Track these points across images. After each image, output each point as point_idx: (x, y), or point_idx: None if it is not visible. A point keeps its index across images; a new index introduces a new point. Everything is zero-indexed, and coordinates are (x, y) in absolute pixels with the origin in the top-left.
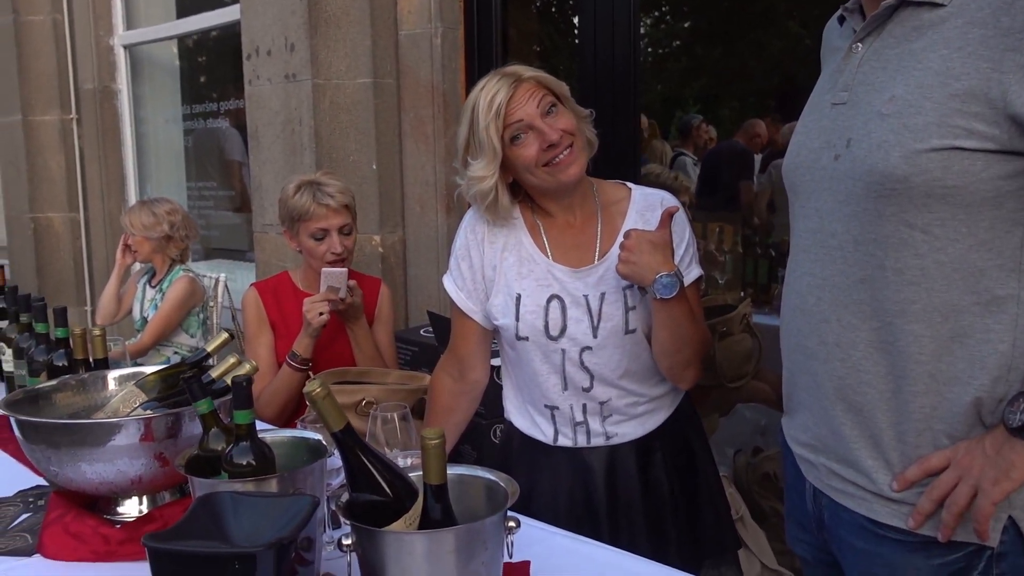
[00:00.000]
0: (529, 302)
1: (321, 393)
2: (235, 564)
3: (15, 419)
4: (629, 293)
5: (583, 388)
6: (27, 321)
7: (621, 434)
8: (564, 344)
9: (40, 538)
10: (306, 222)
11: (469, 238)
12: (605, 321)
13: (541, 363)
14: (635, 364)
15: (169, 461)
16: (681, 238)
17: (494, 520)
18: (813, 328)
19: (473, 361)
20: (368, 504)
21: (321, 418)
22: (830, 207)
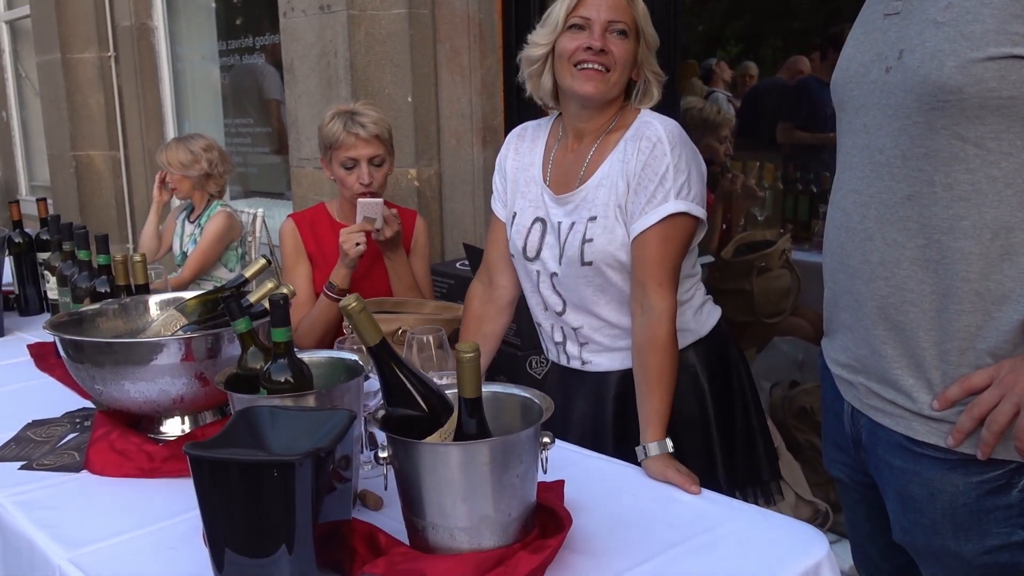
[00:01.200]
0: (519, 221)
1: (357, 307)
2: (274, 472)
3: (60, 339)
4: (590, 225)
5: (556, 312)
6: (70, 249)
7: (595, 363)
8: (538, 266)
9: (87, 455)
10: (337, 150)
11: (504, 151)
12: (567, 250)
13: (525, 280)
14: (600, 296)
15: (209, 381)
16: (654, 172)
17: (528, 433)
18: (857, 246)
19: (500, 265)
20: (404, 419)
21: (357, 332)
22: (879, 122)
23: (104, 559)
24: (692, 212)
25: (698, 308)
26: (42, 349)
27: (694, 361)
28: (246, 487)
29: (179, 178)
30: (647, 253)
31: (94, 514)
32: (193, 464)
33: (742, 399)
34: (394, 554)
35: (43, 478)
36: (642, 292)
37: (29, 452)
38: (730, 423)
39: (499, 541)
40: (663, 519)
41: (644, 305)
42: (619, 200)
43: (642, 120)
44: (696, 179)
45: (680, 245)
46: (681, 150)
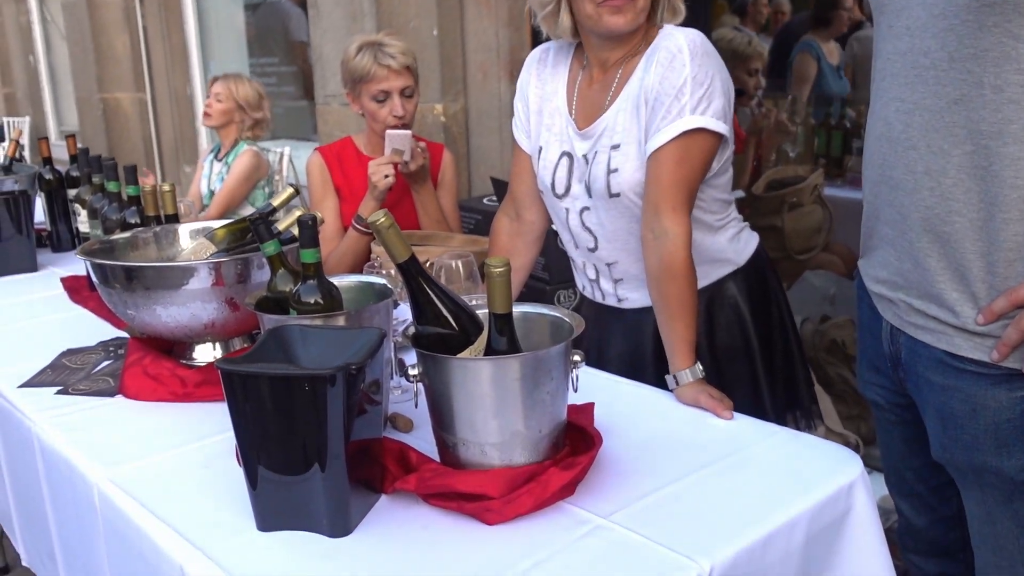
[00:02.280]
0: (545, 156)
1: (386, 223)
2: (305, 386)
3: (92, 264)
4: (614, 154)
5: (589, 248)
6: (99, 182)
7: (632, 300)
8: (568, 203)
9: (121, 380)
10: (367, 83)
11: (525, 76)
12: (593, 183)
13: (555, 218)
14: (635, 229)
15: (239, 306)
16: (672, 85)
17: (559, 349)
18: (899, 156)
19: (528, 200)
20: (434, 337)
21: (386, 248)
22: (923, 22)
23: (140, 478)
24: (711, 128)
25: (735, 236)
26: (75, 282)
27: (734, 292)
28: (277, 401)
29: (222, 110)
30: (661, 173)
31: (129, 436)
32: (224, 378)
33: (781, 326)
34: (424, 470)
35: (79, 402)
36: (655, 216)
37: (65, 378)
38: (771, 351)
39: (530, 457)
40: (694, 441)
41: (657, 230)
42: (641, 122)
43: (663, 33)
44: (719, 92)
45: (698, 165)
46: (703, 60)
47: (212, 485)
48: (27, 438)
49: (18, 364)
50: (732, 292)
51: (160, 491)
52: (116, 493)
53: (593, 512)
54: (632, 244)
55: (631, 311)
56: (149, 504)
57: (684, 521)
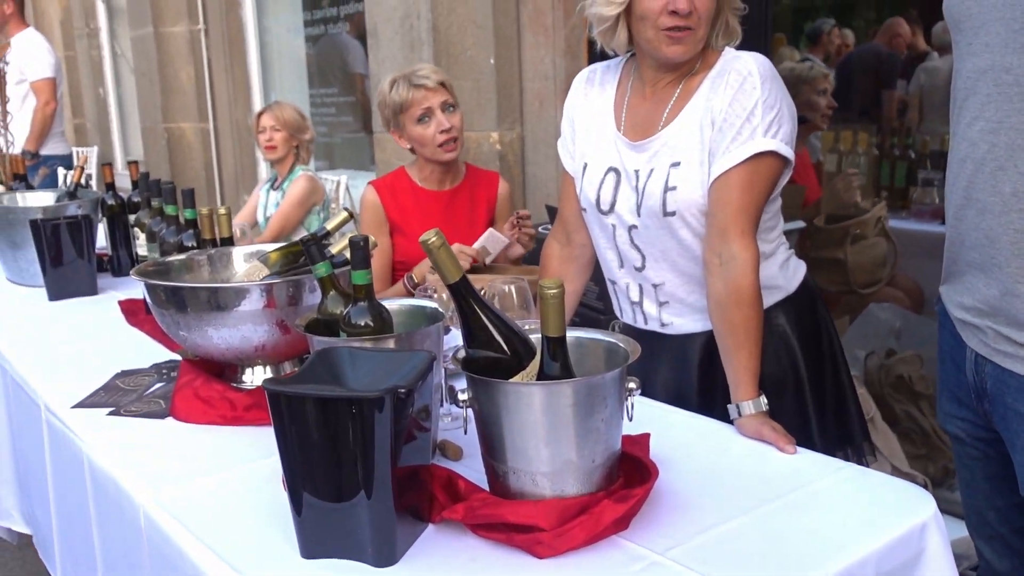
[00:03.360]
0: (591, 173)
1: (437, 242)
2: (352, 408)
3: (146, 284)
4: (673, 171)
5: (635, 267)
6: (158, 206)
7: (677, 325)
8: (613, 220)
9: (172, 402)
10: (408, 110)
11: (572, 97)
12: (647, 199)
13: (599, 235)
14: (685, 250)
15: (290, 329)
16: (742, 107)
17: (614, 375)
18: (986, 178)
19: (578, 223)
20: (485, 361)
21: (437, 269)
22: (1003, 39)
23: (186, 500)
24: (781, 152)
25: (784, 262)
26: (132, 305)
27: (782, 321)
28: (323, 424)
29: (283, 138)
30: (729, 196)
31: (177, 458)
32: (271, 399)
33: (831, 356)
34: (473, 499)
35: (130, 424)
36: (722, 241)
37: (117, 399)
38: (820, 383)
39: (582, 488)
40: (755, 475)
41: (724, 255)
42: (705, 142)
43: (729, 56)
44: (787, 116)
45: (765, 189)
46: (772, 84)
47: (258, 510)
48: (77, 458)
49: (73, 384)
50: (781, 321)
51: (206, 515)
52: (162, 516)
53: (648, 548)
54: (681, 265)
55: (675, 337)
56: (194, 528)
57: (745, 560)
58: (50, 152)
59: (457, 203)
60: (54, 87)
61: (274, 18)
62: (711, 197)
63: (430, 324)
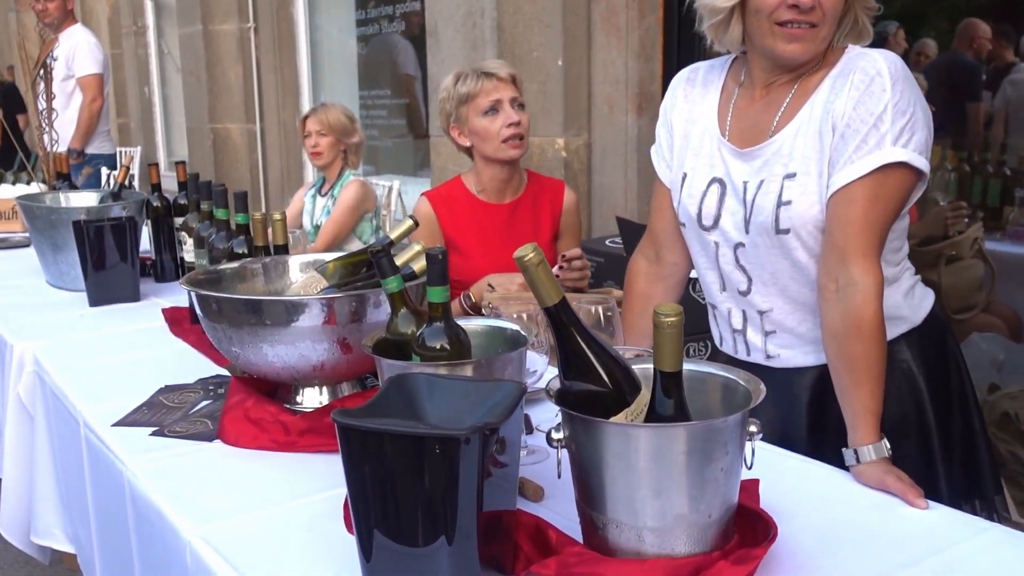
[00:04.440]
0: (691, 184)
1: (535, 260)
2: (436, 447)
3: (197, 295)
4: (787, 184)
5: (740, 291)
6: (208, 210)
7: (785, 358)
8: (716, 236)
9: (221, 423)
10: (474, 100)
11: (670, 99)
12: (756, 215)
13: (699, 255)
14: (799, 273)
15: (352, 348)
16: (869, 112)
17: (737, 419)
18: None
19: (670, 239)
20: (583, 395)
21: (533, 289)
22: None
23: (237, 537)
24: (913, 163)
25: (909, 289)
26: (176, 314)
27: (907, 356)
28: (402, 464)
29: (329, 143)
30: (851, 213)
31: (226, 487)
32: (341, 434)
33: (961, 397)
34: (568, 554)
35: (174, 446)
36: (840, 263)
37: (161, 418)
38: (948, 426)
39: (694, 547)
40: (883, 534)
41: (843, 280)
42: (824, 151)
43: (854, 53)
44: (921, 123)
45: (893, 206)
46: (905, 86)
47: (316, 551)
48: (118, 482)
49: (113, 400)
50: (905, 356)
51: (258, 554)
52: (210, 554)
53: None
54: (792, 290)
55: (781, 371)
56: (246, 570)
57: None
58: (95, 151)
59: (519, 217)
60: (101, 83)
61: (326, 16)
62: (830, 213)
63: (511, 349)
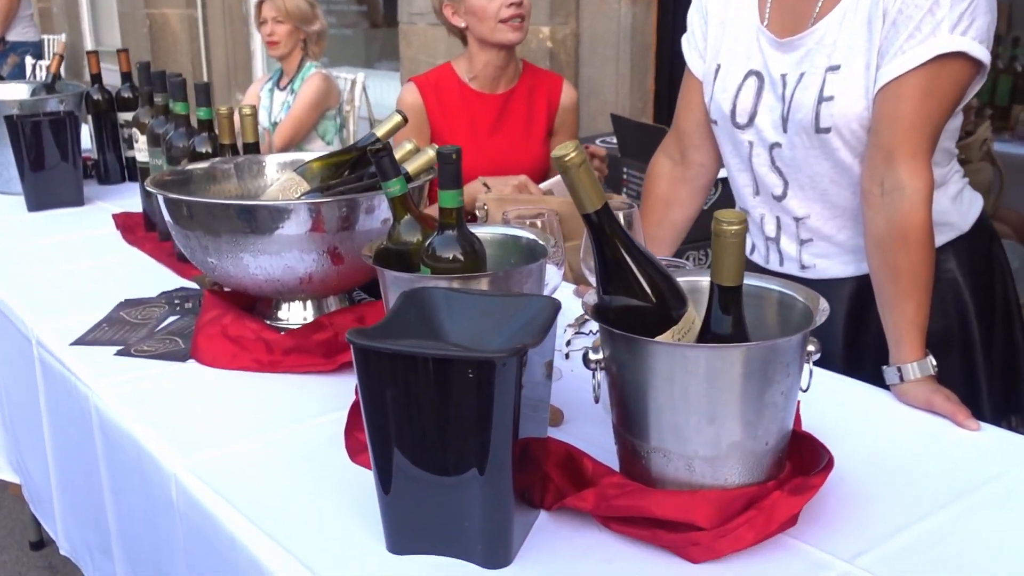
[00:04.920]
0: (726, 76)
1: (576, 159)
2: (469, 371)
3: (166, 199)
4: (830, 76)
5: (774, 196)
6: (163, 103)
7: (821, 268)
8: (751, 135)
9: (194, 341)
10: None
11: None
12: (795, 112)
13: (731, 156)
14: (840, 176)
15: (343, 259)
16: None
17: (798, 339)
18: None
19: (696, 138)
20: (624, 311)
21: (573, 193)
22: None
23: (228, 468)
24: (972, 53)
25: (957, 193)
26: (128, 221)
27: (952, 266)
28: (430, 390)
29: (287, 31)
30: (901, 109)
31: (208, 413)
32: (360, 357)
33: (1005, 311)
34: (606, 485)
35: (143, 367)
36: (887, 165)
37: (124, 336)
38: (991, 340)
39: (749, 476)
40: (934, 459)
41: (889, 183)
42: (873, 40)
43: None
44: (983, 8)
45: (948, 101)
46: None
47: (320, 483)
48: (82, 408)
49: (69, 316)
50: (951, 265)
51: (255, 488)
52: (201, 488)
53: (831, 553)
54: (833, 195)
55: (817, 282)
56: (244, 505)
57: (954, 570)
58: (18, 38)
59: (512, 109)
60: None
61: None
62: (877, 110)
63: (527, 260)
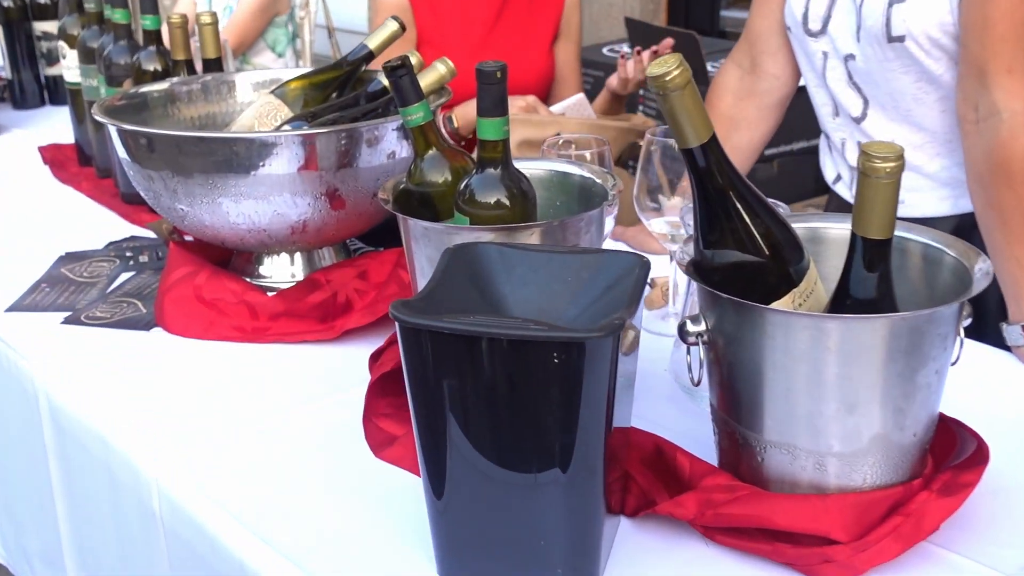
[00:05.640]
0: None
1: (679, 79)
2: (553, 355)
3: (120, 130)
4: None
5: (853, 117)
6: (96, 11)
7: (913, 205)
8: (824, 45)
9: (160, 305)
10: None
11: None
12: (866, 16)
13: (807, 70)
14: (926, 93)
15: (344, 203)
16: None
17: (954, 308)
18: None
19: (772, 43)
20: (731, 270)
21: (672, 121)
22: None
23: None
24: None
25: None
26: (58, 154)
27: None
28: (504, 377)
29: None
30: (991, 15)
31: (186, 397)
32: (409, 338)
33: None
34: (710, 488)
35: (99, 338)
36: (979, 85)
37: (71, 299)
38: None
39: (891, 475)
40: None
41: (984, 107)
42: None
43: None
44: None
45: None
46: None
47: (341, 489)
48: (25, 392)
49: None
50: None
51: (260, 496)
52: (192, 498)
53: (990, 565)
54: (918, 116)
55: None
56: (249, 520)
57: None
58: None
59: (510, 10)
60: None
61: None
62: (963, 16)
63: (583, 204)
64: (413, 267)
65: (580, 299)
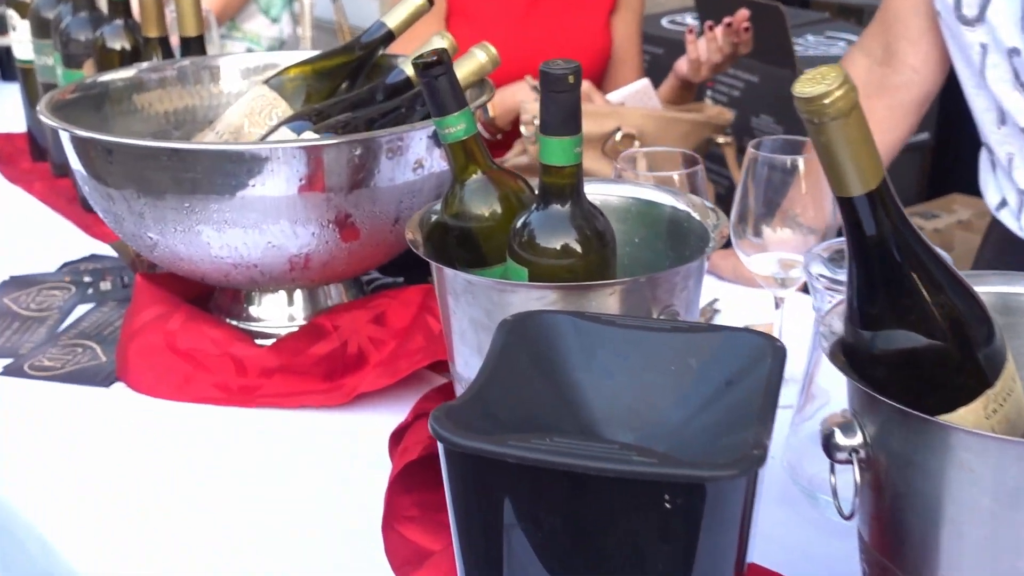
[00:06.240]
0: None
1: (843, 104)
2: (664, 498)
3: (74, 136)
4: None
5: (1021, 127)
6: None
7: None
8: (983, 36)
9: (122, 355)
10: None
11: None
12: None
13: (962, 66)
14: None
15: (359, 232)
16: None
17: None
18: None
19: (913, 27)
20: (897, 359)
21: (828, 159)
22: None
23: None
24: None
25: None
26: (7, 145)
27: None
28: (588, 522)
29: None
30: None
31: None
32: (456, 464)
33: None
34: None
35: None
36: None
37: (14, 341)
38: None
39: None
40: None
41: None
42: None
43: None
44: None
45: None
46: None
47: None
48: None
49: None
50: None
51: None
52: None
53: None
54: None
55: None
56: None
57: None
58: None
59: None
60: None
61: None
62: None
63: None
64: (450, 327)
65: (689, 399)
